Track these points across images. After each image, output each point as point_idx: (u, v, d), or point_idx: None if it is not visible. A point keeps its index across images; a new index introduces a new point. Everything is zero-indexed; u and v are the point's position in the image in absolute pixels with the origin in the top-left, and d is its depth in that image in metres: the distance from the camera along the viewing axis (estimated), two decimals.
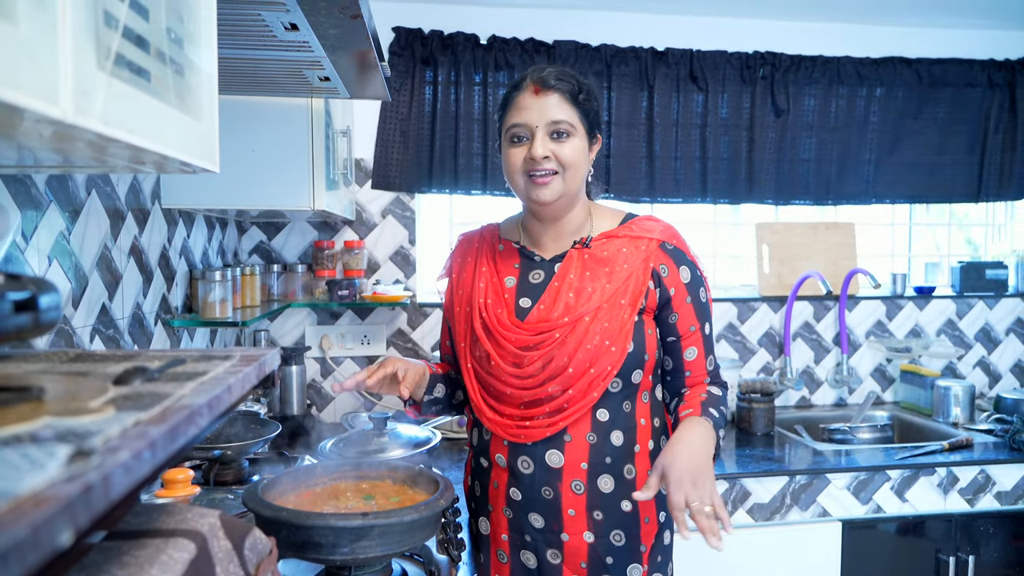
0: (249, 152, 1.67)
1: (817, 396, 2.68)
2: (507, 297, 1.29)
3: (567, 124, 1.22)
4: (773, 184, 2.55)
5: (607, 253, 1.26)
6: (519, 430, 1.25)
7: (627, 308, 1.23)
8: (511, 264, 1.32)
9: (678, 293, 1.26)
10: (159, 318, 1.63)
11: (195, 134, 0.77)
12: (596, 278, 1.25)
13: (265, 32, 1.14)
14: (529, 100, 1.23)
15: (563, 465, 1.24)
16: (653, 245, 1.26)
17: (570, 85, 1.23)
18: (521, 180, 1.24)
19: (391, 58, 2.34)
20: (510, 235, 1.37)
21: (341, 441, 1.55)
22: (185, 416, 0.51)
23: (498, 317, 1.27)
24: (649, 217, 1.33)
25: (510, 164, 1.25)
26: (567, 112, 1.22)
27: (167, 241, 1.69)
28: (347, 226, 2.39)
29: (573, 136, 1.23)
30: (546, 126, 1.21)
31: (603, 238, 1.29)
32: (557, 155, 1.21)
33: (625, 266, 1.25)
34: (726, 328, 2.61)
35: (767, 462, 1.98)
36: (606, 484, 1.24)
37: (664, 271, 1.26)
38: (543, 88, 1.22)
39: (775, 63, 2.54)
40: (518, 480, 1.27)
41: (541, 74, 1.23)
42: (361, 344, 2.40)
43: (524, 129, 1.23)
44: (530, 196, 1.24)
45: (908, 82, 2.62)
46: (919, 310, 2.73)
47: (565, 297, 1.24)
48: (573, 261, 1.27)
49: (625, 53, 2.45)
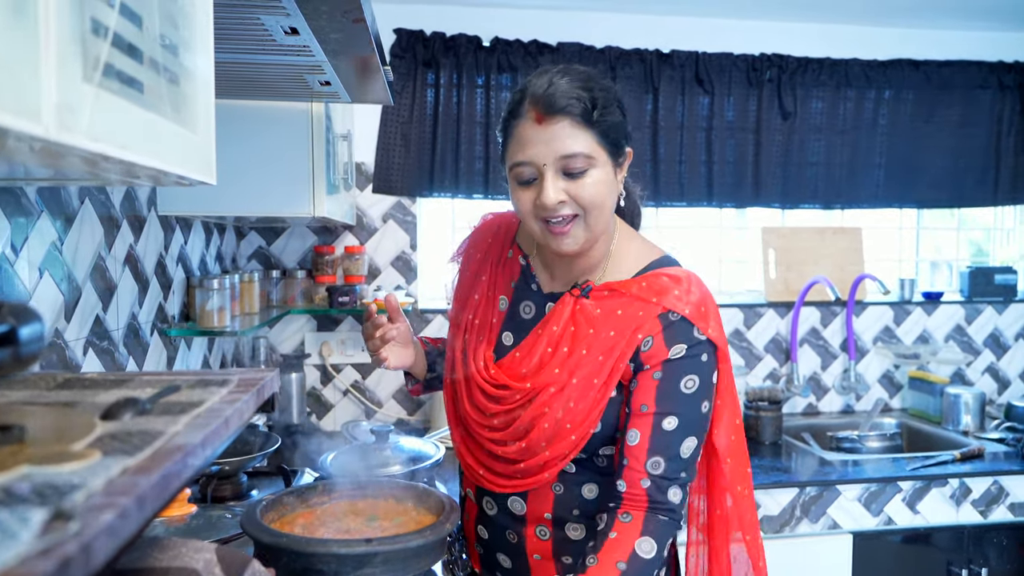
0: (248, 158, 1.63)
1: (824, 403, 2.64)
2: (494, 322, 1.15)
3: (582, 157, 0.98)
4: (780, 188, 2.51)
5: (600, 311, 1.05)
6: (486, 479, 1.13)
7: (598, 389, 1.03)
8: (509, 281, 1.17)
9: (651, 367, 1.02)
10: (155, 328, 1.59)
11: (191, 146, 0.73)
12: (577, 340, 1.05)
13: (265, 36, 1.10)
14: (531, 132, 0.99)
15: (525, 513, 1.11)
16: (653, 312, 1.02)
17: (581, 104, 0.97)
18: (536, 226, 1.03)
19: (392, 60, 2.30)
20: (523, 240, 1.19)
21: (342, 455, 1.51)
22: (178, 460, 0.48)
23: (477, 346, 1.14)
24: (673, 275, 1.05)
25: (521, 209, 1.04)
26: (581, 141, 0.98)
27: (163, 249, 1.65)
28: (348, 231, 2.35)
29: (593, 168, 0.99)
30: (556, 163, 0.98)
31: (605, 290, 1.07)
32: (575, 197, 0.99)
33: (612, 334, 1.03)
34: (732, 334, 2.57)
35: (776, 473, 1.94)
36: (576, 531, 1.09)
37: (647, 345, 1.02)
38: (547, 114, 0.97)
39: (781, 65, 2.50)
40: (484, 519, 1.17)
41: (543, 92, 0.98)
42: (361, 351, 2.36)
43: (530, 168, 1.00)
44: (549, 246, 1.04)
45: (917, 85, 2.58)
46: (927, 316, 2.69)
47: (541, 350, 1.07)
48: (564, 309, 1.08)
49: (629, 55, 2.41)
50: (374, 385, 2.38)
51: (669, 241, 2.59)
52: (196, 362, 1.86)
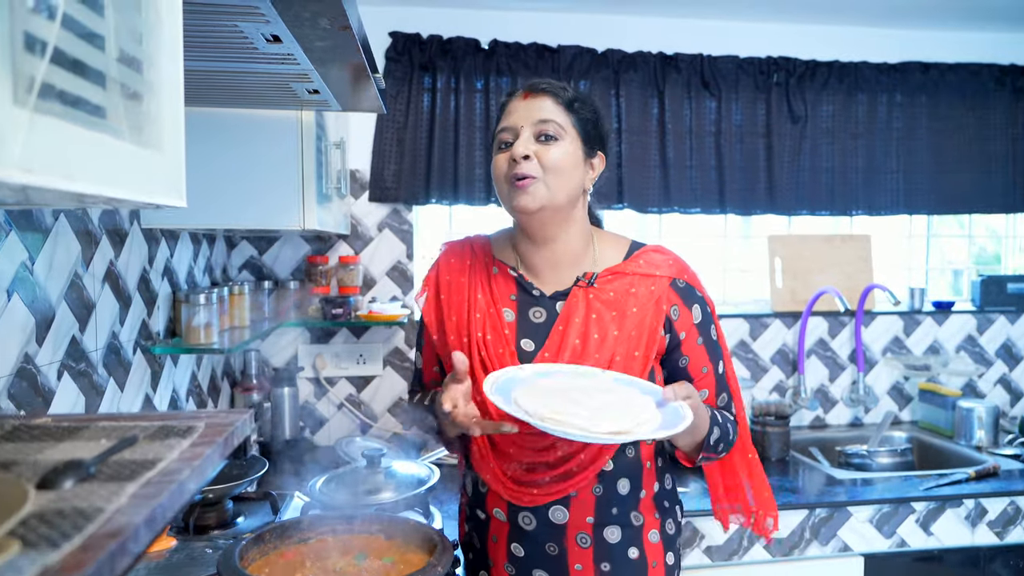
0: (234, 168, 1.56)
1: (832, 415, 2.57)
2: (507, 334, 1.16)
3: (555, 125, 1.13)
4: (793, 194, 2.44)
5: (614, 293, 1.16)
6: (523, 495, 1.14)
7: (641, 361, 1.13)
8: (507, 294, 1.19)
9: (689, 336, 1.17)
10: (139, 346, 1.53)
11: (155, 168, 0.67)
12: (603, 323, 1.14)
13: (245, 44, 1.03)
14: (517, 104, 1.16)
15: (567, 521, 1.15)
16: (664, 284, 1.17)
17: (563, 90, 1.16)
18: (504, 188, 1.14)
19: (387, 64, 2.24)
20: (504, 256, 1.23)
21: (332, 480, 1.45)
22: (114, 548, 0.41)
23: (500, 360, 1.15)
24: (657, 248, 1.23)
25: (496, 171, 1.16)
26: (556, 113, 1.14)
27: (147, 263, 1.58)
28: (342, 240, 2.28)
29: (562, 139, 1.13)
30: (532, 126, 1.13)
31: (609, 275, 1.18)
32: (540, 158, 1.11)
33: (635, 310, 1.14)
34: (737, 345, 2.50)
35: (784, 493, 1.87)
36: (613, 535, 1.16)
37: (675, 313, 1.16)
38: (534, 92, 1.15)
39: (789, 69, 2.43)
40: (520, 536, 1.17)
41: (536, 81, 1.18)
42: (357, 363, 2.30)
43: (510, 133, 1.14)
44: (511, 203, 1.14)
45: (929, 88, 2.51)
46: (938, 326, 2.62)
47: (571, 344, 1.13)
48: (578, 302, 1.16)
49: (633, 58, 2.34)
50: (369, 399, 2.31)
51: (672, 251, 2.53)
52: (183, 379, 1.79)
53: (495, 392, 1.00)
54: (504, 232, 1.28)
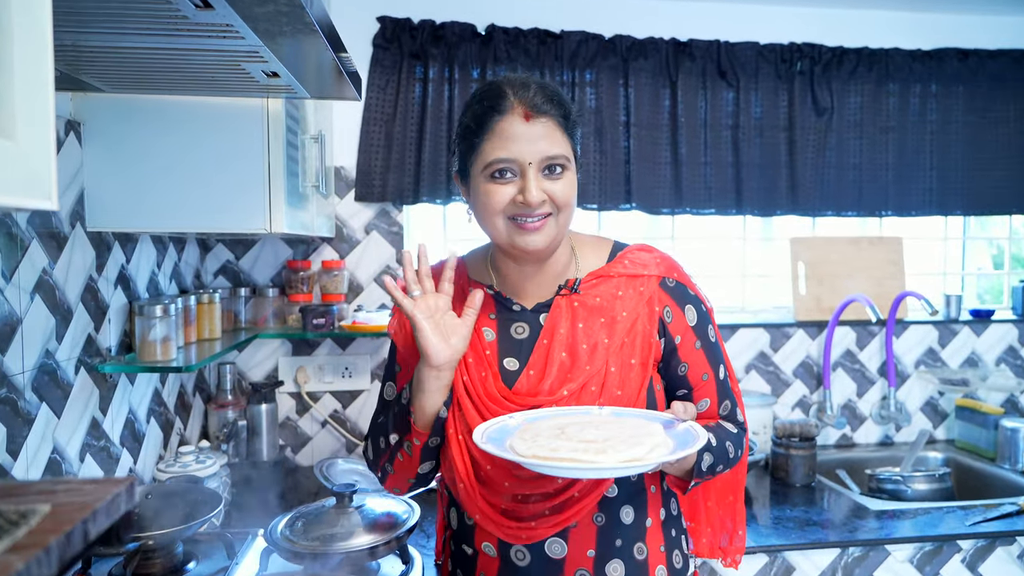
0: (190, 164, 1.38)
1: (860, 434, 2.37)
2: (488, 355, 1.07)
3: (563, 159, 1.01)
4: (818, 193, 2.24)
5: (600, 299, 1.06)
6: (519, 531, 1.01)
7: (639, 370, 1.04)
8: (485, 313, 1.10)
9: (685, 340, 1.08)
10: (83, 364, 1.35)
11: (6, 162, 0.49)
12: (591, 331, 1.04)
13: (170, 12, 0.85)
14: (518, 128, 0.99)
15: (566, 555, 1.02)
16: (653, 284, 1.07)
17: (562, 108, 1.03)
18: (502, 224, 1.01)
19: (375, 51, 2.05)
20: (479, 276, 1.14)
21: (299, 520, 1.26)
22: None
23: (483, 383, 1.05)
24: (642, 247, 1.13)
25: (490, 204, 1.01)
26: (562, 144, 1.01)
27: (95, 270, 1.41)
28: (326, 243, 2.10)
29: (567, 171, 1.02)
30: (540, 162, 0.99)
31: (592, 279, 1.08)
32: (552, 195, 1.00)
33: (625, 314, 1.05)
34: (757, 357, 2.30)
35: (812, 528, 1.68)
36: (615, 570, 1.03)
37: (668, 315, 1.07)
38: (535, 114, 0.99)
39: (814, 56, 2.23)
40: (513, 573, 1.04)
41: (528, 94, 1.00)
42: (342, 377, 2.12)
43: (512, 165, 1.00)
44: (515, 244, 1.02)
45: (966, 77, 2.30)
46: (976, 336, 2.41)
47: (557, 358, 1.04)
48: (562, 312, 1.06)
49: (643, 45, 2.14)
50: (356, 415, 2.13)
51: (685, 254, 2.34)
52: (143, 399, 1.62)
53: (487, 441, 0.90)
54: (478, 252, 1.18)
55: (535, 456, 0.86)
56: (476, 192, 1.03)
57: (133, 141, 1.38)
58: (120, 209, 1.39)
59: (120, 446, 1.50)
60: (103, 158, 1.38)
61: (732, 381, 1.14)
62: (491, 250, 1.13)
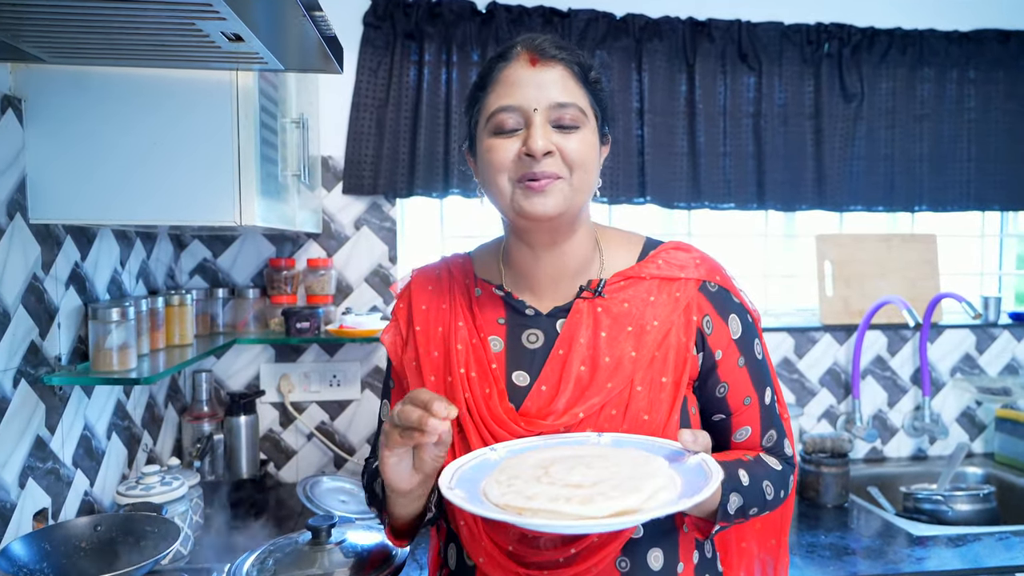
0: (150, 147, 1.21)
1: (891, 447, 2.19)
2: (494, 368, 0.92)
3: (576, 109, 0.87)
4: (846, 186, 2.07)
5: (628, 304, 0.91)
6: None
7: (670, 389, 0.88)
8: (493, 318, 0.95)
9: (727, 355, 0.93)
10: (23, 375, 1.18)
11: None
12: (616, 342, 0.89)
13: None
14: (523, 74, 0.87)
15: None
16: (691, 288, 0.92)
17: (577, 57, 0.90)
18: (507, 186, 0.87)
19: (366, 31, 1.88)
20: (488, 274, 0.99)
21: (268, 558, 1.09)
22: None
23: (487, 401, 0.89)
24: (678, 245, 0.97)
25: (493, 162, 0.87)
26: (575, 93, 0.88)
27: (41, 268, 1.24)
28: (312, 240, 1.93)
29: (583, 127, 0.88)
30: (548, 110, 0.86)
31: (620, 280, 0.93)
32: (563, 151, 0.86)
33: (656, 323, 0.90)
34: (780, 364, 2.13)
35: (847, 559, 1.50)
36: None
37: (708, 326, 0.92)
38: (542, 58, 0.87)
39: (843, 37, 2.06)
40: None
41: (539, 40, 0.89)
42: (330, 386, 1.94)
43: (516, 114, 0.86)
44: (522, 208, 0.87)
45: (1007, 61, 2.13)
46: (1016, 341, 2.23)
47: (575, 372, 0.88)
48: (583, 318, 0.91)
49: (658, 25, 1.97)
50: (344, 427, 1.96)
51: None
52: (102, 413, 1.45)
53: (456, 486, 0.73)
54: (488, 246, 1.03)
55: (507, 505, 0.70)
56: (480, 155, 0.89)
57: (84, 121, 1.20)
58: (69, 198, 1.22)
59: (73, 467, 1.33)
60: (49, 140, 1.20)
61: (781, 406, 0.98)
62: (503, 243, 0.99)
